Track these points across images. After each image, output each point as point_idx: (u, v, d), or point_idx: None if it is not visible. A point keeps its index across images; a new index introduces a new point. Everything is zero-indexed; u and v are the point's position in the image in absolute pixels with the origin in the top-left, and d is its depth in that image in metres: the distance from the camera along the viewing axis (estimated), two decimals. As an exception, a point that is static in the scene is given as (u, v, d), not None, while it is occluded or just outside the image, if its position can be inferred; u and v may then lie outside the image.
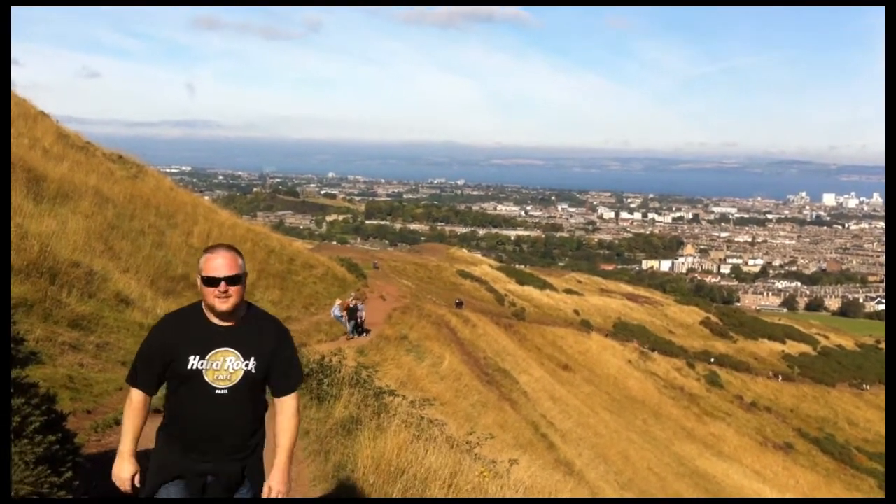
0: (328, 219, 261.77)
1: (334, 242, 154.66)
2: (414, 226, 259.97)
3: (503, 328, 46.86)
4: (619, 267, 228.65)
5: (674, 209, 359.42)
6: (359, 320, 24.91)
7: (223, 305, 3.69)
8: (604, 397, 44.75)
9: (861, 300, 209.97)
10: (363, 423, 8.97)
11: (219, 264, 3.70)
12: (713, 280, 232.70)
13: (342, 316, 25.12)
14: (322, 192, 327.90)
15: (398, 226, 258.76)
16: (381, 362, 18.47)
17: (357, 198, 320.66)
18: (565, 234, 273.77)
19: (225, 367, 3.71)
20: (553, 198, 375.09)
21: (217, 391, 3.71)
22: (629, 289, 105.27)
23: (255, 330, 3.81)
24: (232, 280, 3.70)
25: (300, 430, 9.46)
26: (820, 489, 46.62)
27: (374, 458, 7.66)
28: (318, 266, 34.51)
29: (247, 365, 3.72)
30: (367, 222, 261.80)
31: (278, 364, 3.83)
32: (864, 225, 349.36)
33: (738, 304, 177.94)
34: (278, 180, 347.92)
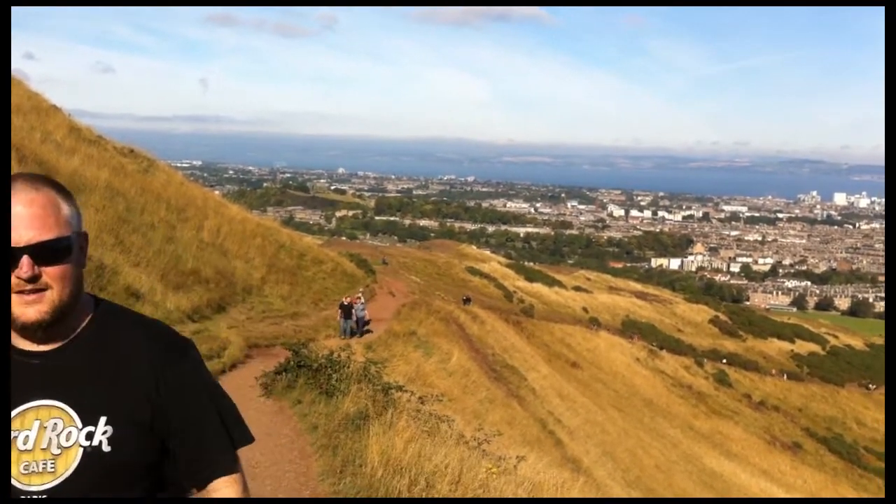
0: (338, 214, 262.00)
1: (344, 238, 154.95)
2: (423, 222, 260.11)
3: (512, 325, 46.85)
4: (629, 265, 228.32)
5: (684, 207, 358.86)
6: (356, 320, 24.61)
7: (31, 311, 1.78)
8: (612, 395, 44.72)
9: (871, 300, 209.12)
10: (371, 418, 9.00)
11: (19, 216, 1.76)
12: (723, 279, 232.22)
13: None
14: (332, 187, 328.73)
15: (408, 222, 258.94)
16: (389, 358, 18.48)
17: (367, 194, 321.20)
18: (575, 232, 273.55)
19: (42, 443, 1.80)
20: (563, 195, 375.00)
21: (25, 496, 1.78)
22: (638, 287, 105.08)
23: (105, 353, 1.90)
24: (46, 251, 1.78)
25: (308, 425, 9.60)
26: (827, 489, 46.51)
27: (382, 453, 7.67)
28: (327, 261, 34.58)
29: (89, 435, 1.81)
30: (377, 218, 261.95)
31: (177, 420, 1.91)
32: (875, 225, 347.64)
33: (748, 303, 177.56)
34: (289, 175, 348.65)
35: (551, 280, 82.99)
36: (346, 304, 24.19)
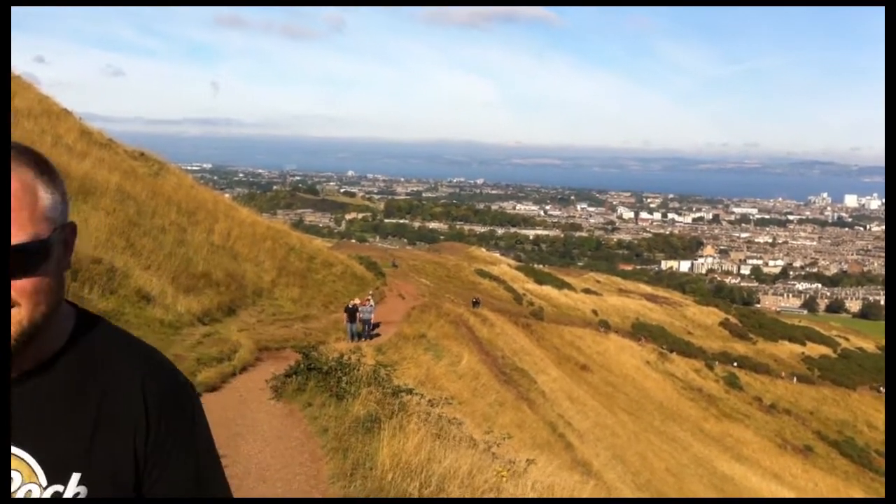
0: (347, 217, 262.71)
1: (353, 241, 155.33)
2: (433, 225, 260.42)
3: (521, 327, 46.81)
4: (639, 267, 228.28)
5: (694, 209, 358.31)
6: (362, 323, 24.13)
7: None
8: (622, 398, 44.62)
9: (882, 302, 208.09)
10: (382, 421, 9.00)
11: None
12: (733, 281, 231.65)
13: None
14: (342, 190, 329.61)
15: (417, 224, 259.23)
16: (399, 361, 18.50)
17: (376, 196, 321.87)
18: (584, 234, 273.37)
19: None
20: (572, 197, 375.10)
21: None
22: (648, 289, 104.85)
23: (86, 388, 1.44)
24: (14, 258, 1.28)
25: (318, 428, 9.60)
26: (839, 492, 46.28)
27: (392, 455, 7.68)
28: (337, 264, 34.63)
29: (56, 497, 1.37)
30: (387, 221, 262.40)
31: (168, 480, 1.47)
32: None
33: (758, 306, 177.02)
34: (298, 178, 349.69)
35: (561, 282, 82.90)
36: (351, 307, 23.66)
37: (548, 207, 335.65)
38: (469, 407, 18.14)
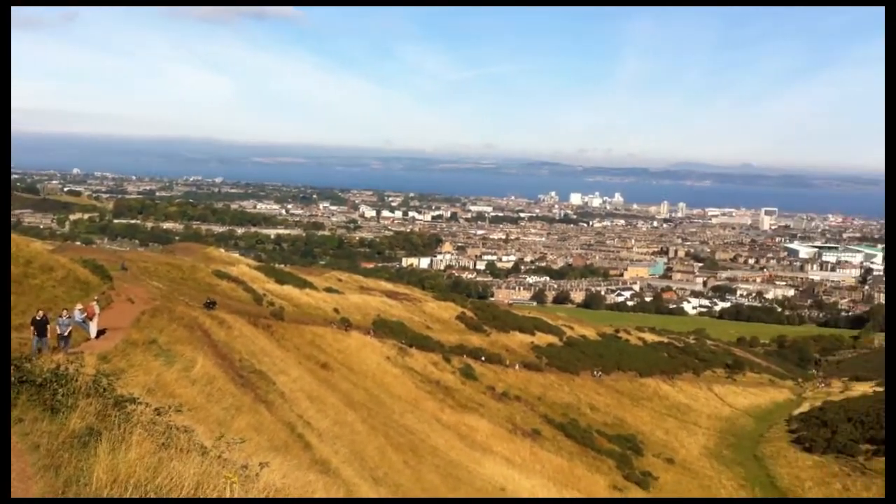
0: (72, 217, 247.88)
1: (79, 243, 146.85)
2: (167, 225, 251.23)
3: (261, 329, 46.27)
4: (380, 265, 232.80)
5: (433, 208, 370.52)
6: (59, 336, 21.33)
7: None
8: (362, 394, 45.25)
9: (602, 293, 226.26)
10: (101, 434, 8.64)
11: None
12: (470, 276, 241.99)
13: (83, 320, 23.89)
14: (66, 189, 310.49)
15: (150, 225, 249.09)
16: (126, 369, 17.75)
17: (105, 195, 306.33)
18: (326, 233, 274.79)
19: None
20: (315, 196, 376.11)
21: None
22: (389, 286, 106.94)
23: None
24: None
25: (30, 445, 9.04)
26: (563, 472, 49.68)
27: (111, 470, 7.43)
28: (58, 268, 32.52)
29: None
30: (116, 221, 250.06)
31: None
32: (607, 223, 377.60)
33: (493, 299, 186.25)
34: (16, 177, 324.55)
35: (302, 282, 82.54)
36: (39, 318, 20.76)
37: (290, 206, 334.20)
38: (202, 413, 17.74)
